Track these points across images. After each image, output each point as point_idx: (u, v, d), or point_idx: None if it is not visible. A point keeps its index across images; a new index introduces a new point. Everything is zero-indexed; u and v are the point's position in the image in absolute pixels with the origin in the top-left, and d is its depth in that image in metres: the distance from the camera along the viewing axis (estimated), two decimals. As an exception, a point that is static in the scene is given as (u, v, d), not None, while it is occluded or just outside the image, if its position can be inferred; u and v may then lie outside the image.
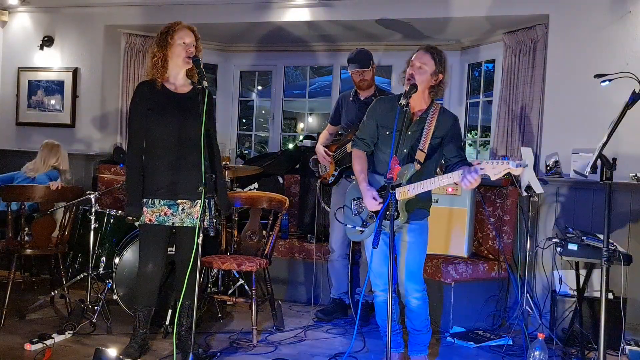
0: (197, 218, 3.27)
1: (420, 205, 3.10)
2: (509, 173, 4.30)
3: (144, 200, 3.26)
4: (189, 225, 3.29)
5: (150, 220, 3.26)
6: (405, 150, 3.04)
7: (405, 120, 2.95)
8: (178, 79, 3.31)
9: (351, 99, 4.32)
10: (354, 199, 3.19)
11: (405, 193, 2.94)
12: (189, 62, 3.22)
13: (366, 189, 3.04)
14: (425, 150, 3.01)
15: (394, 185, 2.81)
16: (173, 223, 3.29)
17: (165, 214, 3.27)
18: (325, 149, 4.36)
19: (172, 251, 3.62)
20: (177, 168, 3.24)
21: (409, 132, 3.04)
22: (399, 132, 2.93)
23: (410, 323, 3.20)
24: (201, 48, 3.31)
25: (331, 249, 4.38)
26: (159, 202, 3.26)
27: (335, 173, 4.30)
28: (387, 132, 3.08)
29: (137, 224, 3.32)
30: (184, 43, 3.21)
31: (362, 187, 3.07)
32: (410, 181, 2.95)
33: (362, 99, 4.27)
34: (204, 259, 3.82)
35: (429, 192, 3.13)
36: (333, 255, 4.37)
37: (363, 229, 3.11)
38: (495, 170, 2.71)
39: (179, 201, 3.28)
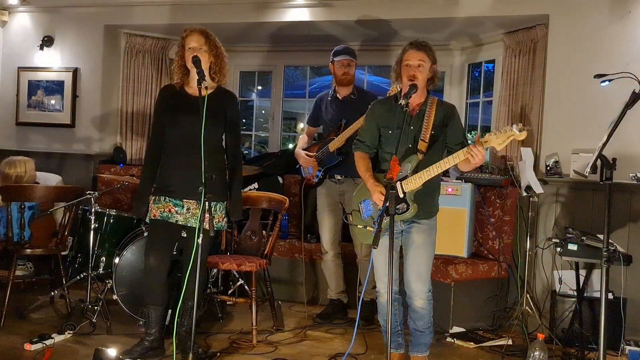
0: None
1: (429, 199, 3.10)
2: (509, 174, 4.36)
3: (153, 197, 3.37)
4: (194, 226, 3.31)
5: (154, 215, 3.34)
6: (409, 145, 3.06)
7: (406, 117, 2.97)
8: (196, 82, 3.32)
9: (329, 98, 4.35)
10: (361, 202, 3.19)
11: (411, 184, 2.95)
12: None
13: (373, 185, 3.06)
14: (427, 140, 3.03)
15: (398, 180, 2.82)
16: (177, 221, 3.33)
17: (170, 211, 3.32)
18: (306, 152, 4.36)
19: (174, 252, 3.63)
20: (186, 168, 3.28)
21: (411, 127, 3.07)
22: (400, 130, 2.94)
23: (413, 324, 3.20)
24: (211, 48, 3.35)
25: (323, 249, 4.38)
26: (165, 199, 3.33)
27: (319, 174, 4.30)
28: (390, 132, 3.11)
29: (147, 220, 3.42)
30: (190, 48, 3.30)
31: (369, 185, 3.09)
32: (415, 172, 2.97)
33: (340, 97, 4.29)
34: (208, 259, 3.83)
35: (437, 183, 3.14)
36: (326, 256, 4.37)
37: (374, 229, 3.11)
38: (499, 140, 2.75)
39: (184, 200, 3.32)
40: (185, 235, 3.43)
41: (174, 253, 3.70)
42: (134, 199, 3.45)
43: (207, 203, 3.20)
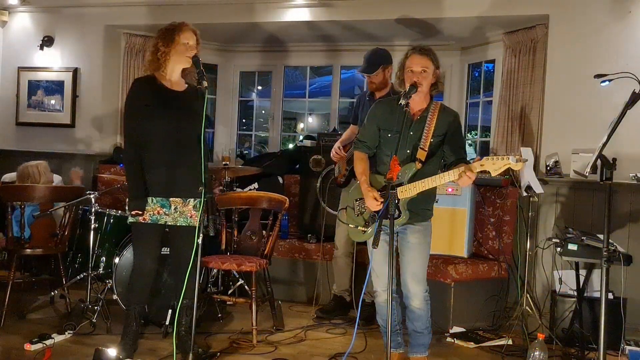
0: (190, 217, 3.31)
1: (423, 205, 3.10)
2: (509, 173, 4.36)
3: None
4: (183, 225, 3.31)
5: (144, 219, 3.27)
6: (408, 151, 3.05)
7: (406, 121, 2.96)
8: (174, 76, 3.33)
9: (367, 98, 4.31)
10: (356, 200, 3.19)
11: (406, 192, 2.95)
12: (189, 62, 3.25)
13: (367, 189, 3.04)
14: (427, 149, 3.02)
15: (394, 184, 2.81)
16: (166, 222, 3.31)
17: (159, 213, 3.29)
18: (340, 147, 4.36)
19: (165, 251, 3.62)
20: (170, 166, 3.26)
21: (411, 133, 3.05)
22: (400, 131, 2.94)
23: (412, 324, 3.19)
24: (199, 51, 3.34)
25: (335, 246, 4.39)
26: (152, 201, 3.27)
27: (347, 173, 4.30)
28: (389, 135, 3.09)
29: (129, 221, 3.31)
30: (187, 44, 3.27)
31: (364, 188, 3.07)
32: (411, 180, 2.96)
33: (376, 99, 4.26)
34: (209, 260, 3.86)
35: (433, 191, 3.13)
36: (337, 252, 4.39)
37: (365, 229, 3.12)
38: (496, 166, 2.73)
39: (171, 199, 3.29)
40: (169, 232, 3.41)
41: (166, 253, 3.70)
42: (130, 199, 3.30)
43: (191, 200, 3.28)
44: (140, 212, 3.25)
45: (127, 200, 3.44)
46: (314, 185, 4.78)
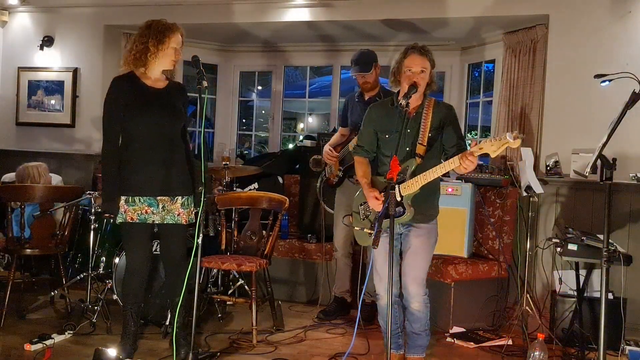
0: (178, 215, 3.31)
1: (427, 203, 3.10)
2: (509, 174, 4.37)
3: (124, 198, 3.24)
4: (170, 223, 3.30)
5: (132, 219, 3.25)
6: (407, 149, 3.05)
7: (404, 120, 2.96)
8: (155, 74, 3.30)
9: (356, 99, 4.33)
10: (361, 204, 3.20)
11: (409, 187, 2.95)
12: (173, 65, 3.28)
13: (368, 190, 3.05)
14: (425, 144, 3.03)
15: (397, 182, 2.81)
16: (153, 221, 3.30)
17: (146, 212, 3.26)
18: (331, 149, 4.37)
19: (157, 251, 3.62)
20: (156, 164, 3.24)
21: (408, 130, 3.06)
22: (400, 131, 2.94)
23: (410, 326, 3.19)
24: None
25: (334, 247, 4.41)
26: (140, 200, 3.25)
27: (340, 173, 4.31)
28: (387, 136, 3.10)
29: (117, 222, 3.29)
30: (175, 47, 3.27)
31: (365, 190, 3.08)
32: (413, 175, 2.96)
33: (366, 99, 4.27)
34: (208, 260, 3.86)
35: (436, 187, 3.13)
36: (336, 254, 4.41)
37: (372, 232, 3.11)
38: (495, 147, 2.73)
39: (158, 198, 3.27)
40: (159, 231, 3.41)
41: (157, 253, 3.70)
42: (103, 201, 3.27)
43: (179, 198, 3.28)
44: (112, 216, 3.23)
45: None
46: (314, 185, 4.78)
